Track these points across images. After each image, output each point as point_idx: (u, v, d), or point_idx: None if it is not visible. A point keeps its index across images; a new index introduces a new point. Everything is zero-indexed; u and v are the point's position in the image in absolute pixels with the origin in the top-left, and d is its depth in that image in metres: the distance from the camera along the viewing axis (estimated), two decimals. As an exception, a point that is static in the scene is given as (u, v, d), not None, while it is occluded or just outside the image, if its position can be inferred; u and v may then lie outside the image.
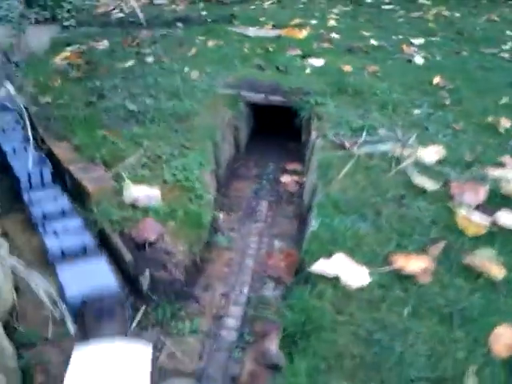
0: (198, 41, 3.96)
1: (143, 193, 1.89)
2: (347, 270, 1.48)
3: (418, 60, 3.52)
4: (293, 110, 2.81)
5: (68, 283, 1.53)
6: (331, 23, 4.75)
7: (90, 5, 5.19)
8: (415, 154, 2.09)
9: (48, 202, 1.98)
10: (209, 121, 2.61)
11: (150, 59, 3.49)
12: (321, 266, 1.50)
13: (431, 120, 2.51)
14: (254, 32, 4.26)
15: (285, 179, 2.71)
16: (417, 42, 4.07)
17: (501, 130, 2.39)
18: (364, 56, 3.62)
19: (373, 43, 3.97)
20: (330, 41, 4.01)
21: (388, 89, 2.88)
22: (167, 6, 5.69)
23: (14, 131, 2.47)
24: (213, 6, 5.73)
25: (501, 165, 2.04)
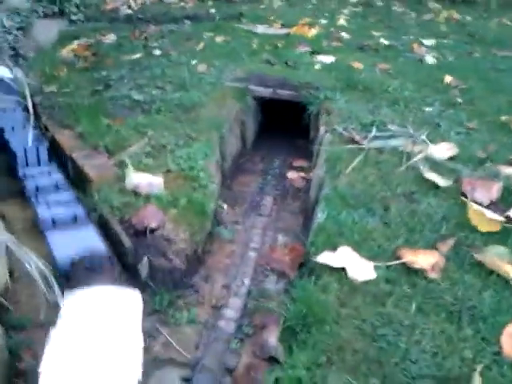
0: (205, 36, 3.95)
1: (145, 180, 1.84)
2: (353, 263, 1.43)
3: (430, 60, 3.47)
4: (301, 105, 2.76)
5: (57, 247, 1.59)
6: (341, 23, 4.73)
7: (98, 0, 5.20)
8: (426, 150, 2.03)
9: (42, 176, 2.09)
10: (215, 113, 2.57)
11: (157, 52, 3.48)
12: (326, 258, 1.45)
13: (443, 117, 2.45)
14: (263, 30, 4.23)
15: (291, 175, 2.66)
16: (428, 42, 4.04)
17: (514, 129, 2.33)
18: (374, 54, 3.58)
19: (383, 42, 3.94)
20: (340, 39, 3.98)
21: (399, 86, 2.83)
22: (176, 3, 5.69)
23: (15, 112, 2.49)
24: (222, 4, 5.72)
25: (514, 163, 1.98)
